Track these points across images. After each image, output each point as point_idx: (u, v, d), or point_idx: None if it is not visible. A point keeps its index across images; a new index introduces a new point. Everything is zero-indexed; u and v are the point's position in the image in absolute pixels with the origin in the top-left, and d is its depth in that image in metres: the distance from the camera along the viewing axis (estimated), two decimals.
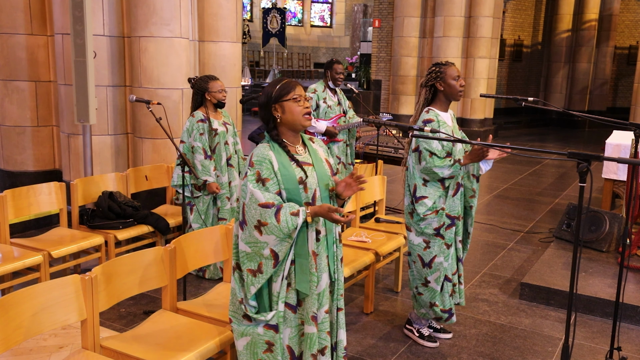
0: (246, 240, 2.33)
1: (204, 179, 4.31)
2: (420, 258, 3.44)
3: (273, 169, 2.34)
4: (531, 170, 9.53)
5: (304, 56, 23.18)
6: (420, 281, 3.48)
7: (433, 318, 3.55)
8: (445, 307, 3.48)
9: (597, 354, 3.56)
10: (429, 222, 3.35)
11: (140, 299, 4.06)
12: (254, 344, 2.42)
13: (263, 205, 2.28)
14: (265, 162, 2.34)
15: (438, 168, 3.24)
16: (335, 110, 5.46)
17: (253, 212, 2.29)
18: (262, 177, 2.32)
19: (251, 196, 2.30)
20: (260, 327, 2.40)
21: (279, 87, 2.39)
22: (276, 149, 2.39)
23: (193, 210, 4.40)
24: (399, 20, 12.87)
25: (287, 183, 2.35)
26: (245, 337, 2.43)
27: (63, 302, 2.40)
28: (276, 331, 2.40)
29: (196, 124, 4.31)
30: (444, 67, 3.34)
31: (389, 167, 6.61)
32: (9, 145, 5.97)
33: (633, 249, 4.70)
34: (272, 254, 2.31)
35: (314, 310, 2.43)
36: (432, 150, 3.25)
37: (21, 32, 5.70)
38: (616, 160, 2.33)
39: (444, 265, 3.41)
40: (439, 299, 3.46)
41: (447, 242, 3.40)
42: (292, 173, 2.37)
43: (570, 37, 15.67)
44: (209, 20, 5.76)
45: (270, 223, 2.27)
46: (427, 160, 3.25)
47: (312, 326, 2.42)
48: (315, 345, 2.43)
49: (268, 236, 2.28)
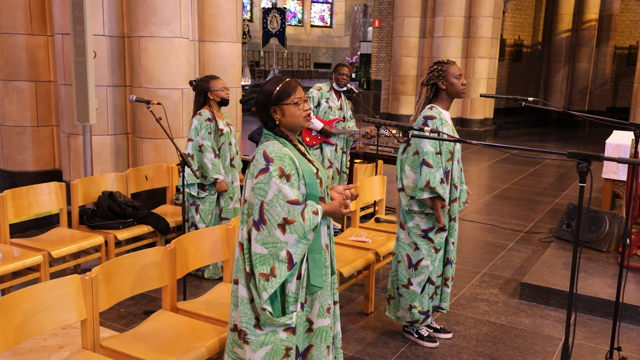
0: (263, 240, 2.22)
1: (215, 177, 4.29)
2: (408, 258, 3.44)
3: (295, 165, 2.28)
4: (531, 170, 9.53)
5: (304, 56, 23.18)
6: (402, 282, 3.48)
7: (408, 321, 3.54)
8: (424, 309, 3.48)
9: (597, 354, 3.56)
10: (417, 223, 3.35)
11: (140, 299, 4.06)
12: (274, 353, 2.31)
13: (292, 202, 2.21)
14: (286, 158, 2.25)
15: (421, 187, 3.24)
16: (335, 113, 5.48)
17: (279, 209, 2.20)
18: (285, 172, 2.23)
19: (278, 192, 2.20)
20: (281, 333, 2.30)
21: (279, 90, 2.32)
22: (288, 146, 2.34)
23: (199, 211, 4.39)
24: (399, 20, 12.87)
25: (308, 177, 2.30)
26: (265, 346, 2.30)
27: (63, 302, 2.40)
28: (294, 333, 2.34)
29: (205, 123, 4.29)
30: (445, 65, 3.33)
31: (389, 167, 6.60)
32: (9, 145, 5.97)
33: (633, 249, 4.70)
34: (287, 257, 2.22)
35: (328, 302, 2.42)
36: (426, 159, 3.24)
37: (21, 32, 5.70)
38: (616, 160, 2.33)
39: (429, 269, 3.42)
40: (418, 301, 3.46)
41: (435, 247, 3.39)
42: (309, 167, 2.33)
43: (570, 37, 15.67)
44: (209, 20, 5.76)
45: (297, 221, 2.20)
46: (423, 174, 3.24)
47: (326, 319, 2.40)
48: (330, 337, 2.43)
49: (291, 235, 2.21)
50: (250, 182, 2.28)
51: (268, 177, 2.22)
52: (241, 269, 2.33)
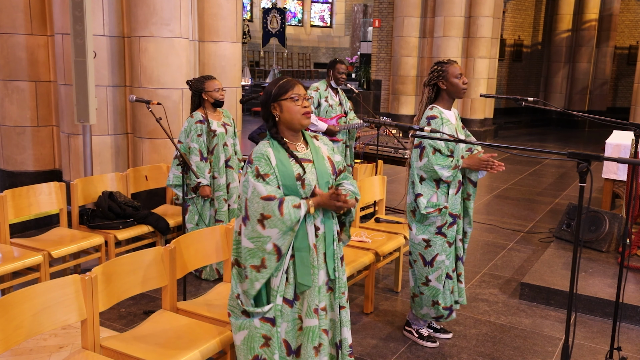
0: (249, 235, 2.34)
1: (197, 180, 4.27)
2: (422, 257, 3.44)
3: (271, 165, 2.36)
4: (531, 170, 9.53)
5: (304, 56, 23.18)
6: (421, 280, 3.48)
7: (433, 317, 3.55)
8: (447, 305, 3.49)
9: (597, 354, 3.56)
10: (432, 221, 3.36)
11: (140, 299, 4.06)
12: (251, 339, 2.43)
13: (265, 197, 2.31)
14: (263, 159, 2.37)
15: (439, 167, 3.24)
16: (336, 110, 5.47)
17: (256, 205, 2.31)
18: (260, 172, 2.35)
19: (253, 190, 2.32)
20: (256, 320, 2.41)
21: (278, 86, 2.42)
22: (275, 146, 2.41)
23: (188, 211, 4.38)
24: (399, 20, 12.87)
25: (284, 179, 2.37)
26: (242, 330, 2.44)
27: (63, 302, 2.41)
28: (273, 324, 2.42)
29: (194, 125, 4.28)
30: (445, 65, 3.34)
31: (389, 167, 6.61)
32: (9, 145, 5.97)
33: (633, 249, 4.70)
34: (274, 249, 2.32)
35: (316, 302, 2.44)
36: (436, 147, 3.25)
37: (21, 32, 5.70)
38: (616, 160, 2.33)
39: (445, 264, 3.42)
40: (441, 297, 3.47)
41: (448, 240, 3.40)
42: (289, 169, 2.38)
43: (570, 37, 15.67)
44: (209, 20, 5.77)
45: (274, 216, 2.28)
46: (429, 157, 3.25)
47: (314, 319, 2.43)
48: (317, 339, 2.44)
49: (271, 229, 2.30)
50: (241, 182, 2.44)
51: (247, 176, 2.37)
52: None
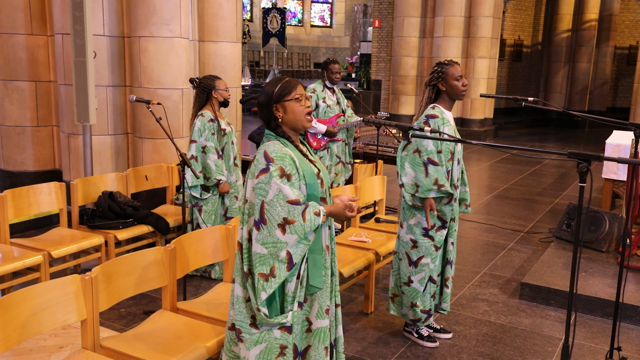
0: (263, 240, 2.23)
1: (218, 178, 4.30)
2: (408, 256, 3.45)
3: (295, 165, 2.28)
4: (531, 170, 9.53)
5: (304, 56, 23.17)
6: (403, 280, 3.49)
7: (411, 319, 3.55)
8: (425, 308, 3.49)
9: (597, 354, 3.56)
10: (419, 220, 3.35)
11: (140, 299, 4.06)
12: (269, 351, 2.32)
13: (292, 202, 2.20)
14: (287, 158, 2.26)
15: (429, 187, 3.25)
16: (334, 110, 5.47)
17: (279, 209, 2.20)
18: (286, 172, 2.24)
19: (278, 192, 2.20)
20: (276, 331, 2.31)
21: (280, 87, 2.34)
22: (289, 146, 2.34)
23: (202, 212, 4.38)
24: (399, 20, 12.87)
25: (309, 178, 2.30)
26: (259, 344, 2.32)
27: (63, 302, 2.40)
28: (290, 332, 2.34)
29: (207, 124, 4.29)
30: (445, 67, 3.33)
31: (389, 167, 6.60)
32: (9, 145, 5.97)
33: (633, 249, 4.70)
34: (287, 257, 2.22)
35: (327, 303, 2.42)
36: (432, 157, 3.24)
37: (21, 32, 5.70)
38: (616, 160, 2.33)
39: (430, 267, 3.42)
40: (420, 300, 3.46)
41: (436, 244, 3.40)
42: (310, 167, 2.34)
43: (570, 37, 15.67)
44: (209, 20, 5.76)
45: (298, 221, 2.20)
46: (431, 173, 3.25)
47: (325, 320, 2.40)
48: (328, 339, 2.43)
49: (291, 235, 2.21)
50: (251, 182, 2.29)
51: (269, 177, 2.22)
52: (238, 268, 2.35)
